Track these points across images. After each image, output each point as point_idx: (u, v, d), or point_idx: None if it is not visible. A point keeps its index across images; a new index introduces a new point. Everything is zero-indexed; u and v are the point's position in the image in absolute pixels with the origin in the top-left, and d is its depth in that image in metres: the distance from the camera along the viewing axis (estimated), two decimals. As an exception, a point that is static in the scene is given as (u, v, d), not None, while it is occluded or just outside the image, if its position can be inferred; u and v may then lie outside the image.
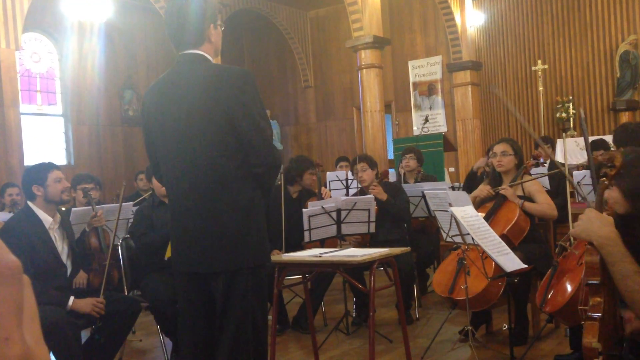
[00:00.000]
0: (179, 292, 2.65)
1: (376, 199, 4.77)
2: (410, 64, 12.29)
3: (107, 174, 11.09)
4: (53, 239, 3.55)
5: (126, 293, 4.32)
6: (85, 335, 3.75)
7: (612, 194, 2.12)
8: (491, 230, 3.47)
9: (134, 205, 5.46)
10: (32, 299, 0.69)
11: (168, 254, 3.83)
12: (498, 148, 4.35)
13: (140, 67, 12.29)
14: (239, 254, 2.43)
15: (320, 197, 5.18)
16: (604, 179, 2.22)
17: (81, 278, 3.82)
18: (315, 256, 3.48)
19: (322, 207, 4.43)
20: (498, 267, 3.46)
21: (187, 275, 2.54)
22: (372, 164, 5.08)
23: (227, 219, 2.42)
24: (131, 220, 4.73)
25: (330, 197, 5.28)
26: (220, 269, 2.44)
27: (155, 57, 12.29)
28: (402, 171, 6.47)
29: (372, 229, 4.64)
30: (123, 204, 4.31)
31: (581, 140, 9.64)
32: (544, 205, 4.19)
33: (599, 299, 1.95)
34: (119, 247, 4.37)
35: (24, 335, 0.64)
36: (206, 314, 2.53)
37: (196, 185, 2.45)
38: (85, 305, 3.44)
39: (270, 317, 3.91)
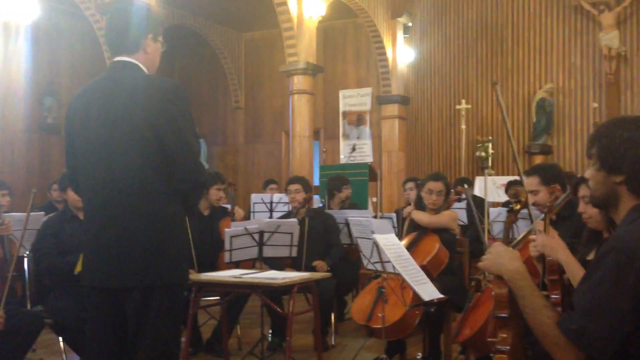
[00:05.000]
0: (89, 309, 2.49)
1: None
2: (341, 93, 12.48)
3: (18, 183, 10.45)
4: (-48, 245, 3.31)
5: (29, 308, 4.06)
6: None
7: (590, 211, 2.16)
8: (411, 259, 3.53)
9: (46, 216, 5.19)
10: None
11: (78, 268, 3.64)
12: (435, 186, 4.42)
13: (63, 74, 11.83)
14: (154, 271, 2.32)
15: (232, 217, 5.14)
16: (510, 213, 2.30)
17: (-20, 289, 3.56)
18: (235, 277, 3.42)
19: (245, 228, 4.37)
20: (416, 296, 3.51)
21: (98, 290, 2.40)
22: (306, 188, 5.14)
23: (145, 232, 2.32)
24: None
25: (243, 216, 5.28)
26: (133, 285, 2.32)
27: (81, 65, 11.87)
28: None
29: (294, 253, 4.62)
30: (33, 213, 4.08)
31: (498, 179, 10.06)
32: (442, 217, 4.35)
33: (507, 332, 1.99)
34: (25, 258, 4.12)
35: None
36: (117, 333, 2.39)
37: (116, 196, 2.35)
38: (-17, 318, 3.20)
39: (183, 339, 3.79)
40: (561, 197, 3.21)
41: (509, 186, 6.28)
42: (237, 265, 4.48)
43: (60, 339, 4.03)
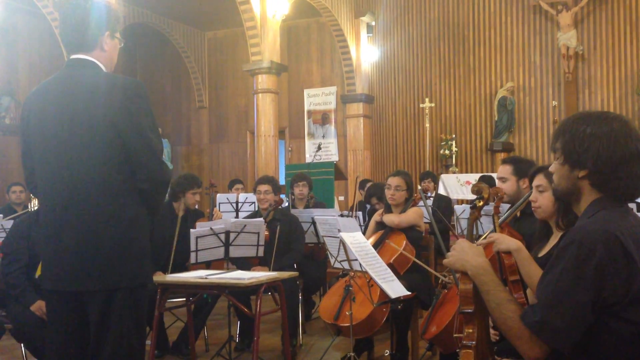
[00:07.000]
0: (49, 313, 2.44)
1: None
2: (306, 92, 12.49)
3: (-25, 185, 10.19)
4: None
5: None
6: None
7: (541, 201, 2.57)
8: (378, 256, 3.55)
9: (7, 219, 5.07)
10: None
11: (39, 272, 3.56)
12: (393, 181, 4.50)
13: (21, 74, 11.53)
14: (117, 272, 2.28)
15: (211, 217, 5.09)
16: (474, 210, 2.33)
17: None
18: (201, 278, 3.38)
19: (211, 229, 4.32)
20: (383, 294, 3.54)
21: (58, 294, 2.34)
22: (275, 189, 5.10)
23: (106, 234, 2.28)
24: (1, 233, 4.36)
25: (221, 218, 5.20)
26: (96, 287, 2.27)
27: (39, 64, 11.59)
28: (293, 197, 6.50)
29: (261, 253, 4.60)
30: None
31: (462, 176, 10.21)
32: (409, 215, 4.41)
33: (472, 328, 2.01)
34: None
35: None
36: (78, 338, 2.34)
37: (77, 196, 2.29)
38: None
39: (149, 341, 3.74)
40: (525, 195, 3.27)
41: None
42: (207, 265, 4.44)
43: (22, 344, 3.93)
